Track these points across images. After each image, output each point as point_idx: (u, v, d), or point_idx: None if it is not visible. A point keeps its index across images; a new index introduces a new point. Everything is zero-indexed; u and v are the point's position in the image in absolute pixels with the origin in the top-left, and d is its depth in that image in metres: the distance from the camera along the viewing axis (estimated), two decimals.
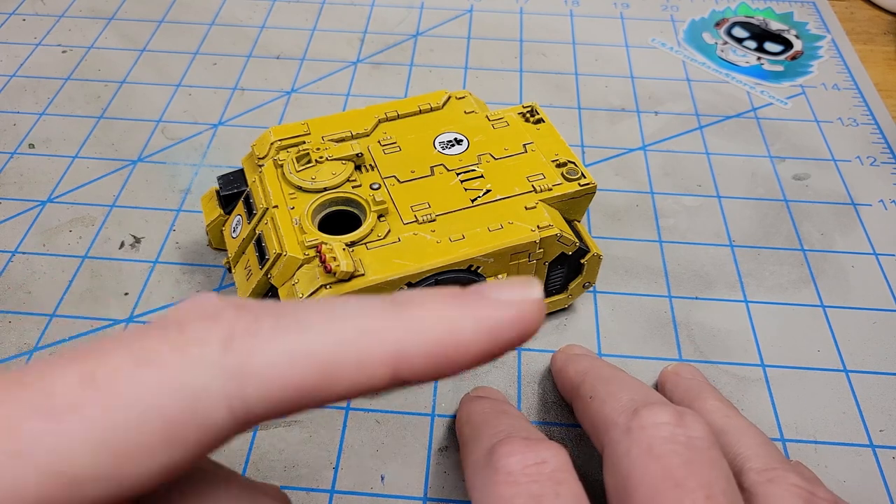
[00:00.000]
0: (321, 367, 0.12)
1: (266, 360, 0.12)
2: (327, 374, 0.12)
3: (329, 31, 0.46)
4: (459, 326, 0.13)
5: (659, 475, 0.18)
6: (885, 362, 0.29)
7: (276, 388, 0.12)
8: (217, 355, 0.12)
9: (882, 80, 0.43)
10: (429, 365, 0.13)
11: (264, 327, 0.12)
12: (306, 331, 0.12)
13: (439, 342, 0.13)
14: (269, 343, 0.12)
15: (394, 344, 0.12)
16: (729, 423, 0.23)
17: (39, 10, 0.47)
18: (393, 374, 0.12)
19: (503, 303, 0.13)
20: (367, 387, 0.12)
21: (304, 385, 0.12)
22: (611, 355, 0.29)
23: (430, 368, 0.13)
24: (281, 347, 0.12)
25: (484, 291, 0.13)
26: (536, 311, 0.13)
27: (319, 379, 0.12)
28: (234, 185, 0.29)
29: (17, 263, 0.32)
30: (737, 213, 0.35)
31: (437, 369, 0.13)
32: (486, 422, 0.23)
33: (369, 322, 0.12)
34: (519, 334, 0.13)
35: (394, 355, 0.12)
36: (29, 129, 0.39)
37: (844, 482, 0.26)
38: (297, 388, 0.12)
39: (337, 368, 0.12)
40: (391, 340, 0.12)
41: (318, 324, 0.12)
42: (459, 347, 0.13)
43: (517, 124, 0.30)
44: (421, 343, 0.12)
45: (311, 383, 0.12)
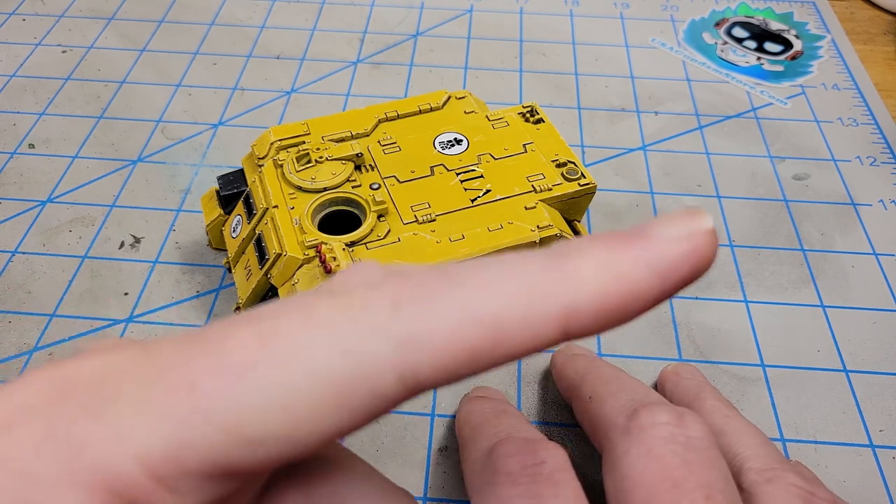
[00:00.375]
0: (490, 329, 0.12)
1: (434, 325, 0.12)
2: (496, 336, 0.12)
3: (329, 31, 0.46)
4: (630, 273, 0.12)
5: (658, 475, 0.18)
6: (885, 362, 0.29)
7: (446, 354, 0.12)
8: (387, 322, 0.12)
9: (882, 80, 0.43)
10: (600, 317, 0.12)
11: (430, 293, 0.12)
12: (472, 293, 0.12)
13: (610, 293, 0.12)
14: (436, 308, 0.12)
15: (562, 300, 0.12)
16: (728, 423, 0.23)
17: (39, 10, 0.47)
18: (563, 330, 0.12)
19: (674, 239, 0.12)
20: (536, 346, 0.12)
21: (474, 348, 0.12)
22: (611, 355, 0.29)
23: (602, 321, 0.12)
24: (449, 312, 0.12)
25: (649, 231, 0.12)
26: (711, 243, 0.12)
27: (488, 341, 0.12)
28: (234, 185, 0.29)
29: (17, 263, 0.32)
30: (737, 213, 0.35)
31: (609, 320, 0.12)
32: (486, 422, 0.23)
33: (534, 279, 0.12)
34: (694, 271, 0.12)
35: (563, 311, 0.12)
36: (29, 129, 0.39)
37: (844, 482, 0.26)
38: (467, 351, 0.12)
39: (506, 330, 0.12)
40: (559, 296, 0.12)
41: (482, 285, 0.12)
42: (632, 295, 0.12)
43: (517, 124, 0.30)
44: (591, 296, 0.12)
45: (480, 346, 0.12)
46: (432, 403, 0.28)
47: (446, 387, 0.12)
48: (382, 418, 0.27)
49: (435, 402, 0.28)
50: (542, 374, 0.29)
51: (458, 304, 0.12)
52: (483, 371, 0.12)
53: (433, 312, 0.12)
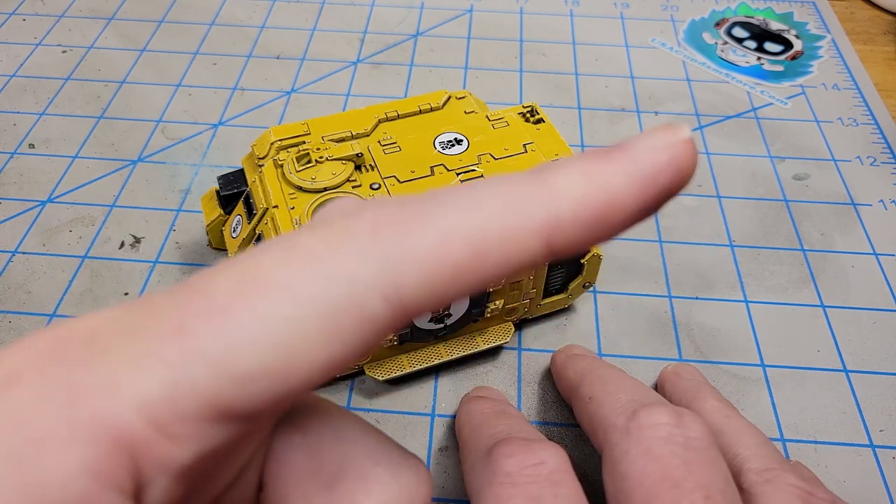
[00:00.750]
0: (472, 244, 0.12)
1: (415, 242, 0.12)
2: (479, 251, 0.12)
3: (329, 31, 0.46)
4: (610, 182, 0.12)
5: (657, 476, 0.18)
6: (885, 362, 0.29)
7: (428, 271, 0.12)
8: (366, 245, 0.12)
9: (882, 80, 0.43)
10: (584, 229, 0.12)
11: (409, 214, 0.12)
12: (452, 211, 0.12)
13: (591, 202, 0.12)
14: (416, 227, 0.12)
15: (544, 211, 0.12)
16: (728, 423, 0.23)
17: (39, 10, 0.47)
18: (547, 244, 0.12)
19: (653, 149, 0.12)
20: (520, 262, 0.12)
21: (456, 265, 0.12)
22: (611, 355, 0.29)
23: (586, 234, 0.12)
24: (429, 229, 0.12)
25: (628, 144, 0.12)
26: (690, 151, 0.12)
27: (472, 257, 0.12)
28: (234, 185, 0.29)
29: (17, 263, 0.32)
30: (737, 213, 0.35)
31: (593, 233, 0.12)
32: (485, 422, 0.23)
33: (515, 192, 0.12)
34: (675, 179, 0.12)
35: (546, 223, 0.12)
36: (29, 129, 0.39)
37: (844, 482, 0.26)
38: (450, 268, 0.12)
39: (488, 244, 0.12)
40: (541, 208, 0.12)
41: (463, 203, 0.12)
42: (614, 205, 0.12)
43: (517, 124, 0.30)
44: (573, 206, 0.12)
45: (462, 263, 0.12)
46: (432, 403, 0.28)
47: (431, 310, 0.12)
48: (382, 419, 0.27)
49: (435, 402, 0.28)
50: (542, 374, 0.29)
51: (438, 221, 0.12)
52: (471, 291, 0.12)
53: (413, 231, 0.12)
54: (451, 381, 0.29)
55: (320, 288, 0.11)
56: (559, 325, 0.30)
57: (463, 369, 0.29)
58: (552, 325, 0.30)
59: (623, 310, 0.31)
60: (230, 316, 0.11)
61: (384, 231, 0.12)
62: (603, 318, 0.31)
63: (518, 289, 0.28)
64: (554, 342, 0.30)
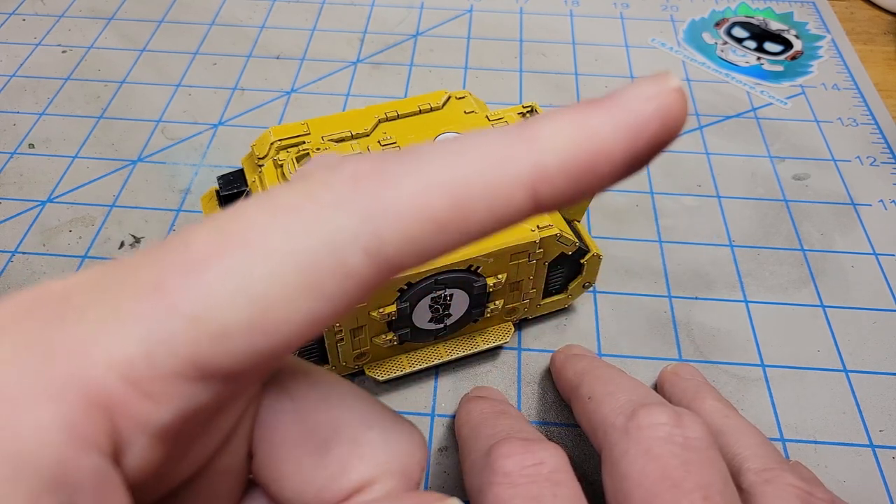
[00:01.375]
0: (454, 196, 0.11)
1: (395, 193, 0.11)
2: (462, 204, 0.11)
3: (329, 31, 0.46)
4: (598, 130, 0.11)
5: (657, 476, 0.18)
6: (885, 362, 0.29)
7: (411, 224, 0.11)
8: (346, 196, 0.11)
9: (882, 80, 0.43)
10: (570, 180, 0.11)
11: (389, 166, 0.12)
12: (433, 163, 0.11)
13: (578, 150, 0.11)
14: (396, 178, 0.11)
15: (529, 161, 0.11)
16: (727, 423, 0.23)
17: (39, 10, 0.47)
18: (532, 196, 0.11)
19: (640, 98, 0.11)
20: (505, 214, 0.11)
21: (440, 218, 0.11)
22: (611, 355, 0.29)
23: (572, 184, 0.11)
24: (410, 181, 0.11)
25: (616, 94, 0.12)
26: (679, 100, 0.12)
27: (454, 210, 0.11)
28: (234, 185, 0.29)
29: (17, 263, 0.32)
30: (737, 213, 0.35)
31: (580, 185, 0.11)
32: (485, 422, 0.23)
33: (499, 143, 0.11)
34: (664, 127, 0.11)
35: (530, 173, 0.11)
36: (29, 129, 0.39)
37: (844, 482, 0.26)
38: (433, 221, 0.11)
39: (472, 196, 0.11)
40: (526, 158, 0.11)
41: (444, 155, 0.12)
42: (601, 153, 0.11)
43: None
44: (559, 155, 0.11)
45: (445, 215, 0.11)
46: (432, 403, 0.28)
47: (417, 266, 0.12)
48: None
49: (435, 402, 0.28)
50: (542, 374, 0.29)
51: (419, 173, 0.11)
52: (456, 245, 0.12)
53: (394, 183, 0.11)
54: (451, 381, 0.29)
55: (299, 241, 0.11)
56: (559, 325, 0.30)
57: (463, 369, 0.29)
58: (552, 325, 0.30)
59: (623, 310, 0.31)
60: (206, 271, 0.11)
61: (364, 182, 0.11)
62: (603, 318, 0.31)
63: (518, 289, 0.28)
64: (554, 342, 0.30)
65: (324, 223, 0.11)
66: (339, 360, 0.27)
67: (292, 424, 0.13)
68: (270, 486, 0.14)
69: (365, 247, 0.11)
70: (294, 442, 0.13)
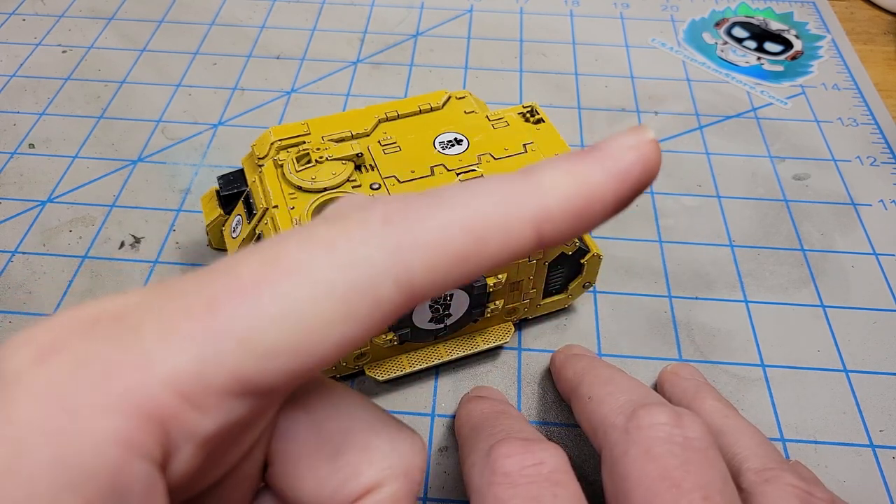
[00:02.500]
0: (473, 233, 0.13)
1: (423, 231, 0.13)
2: (479, 240, 0.13)
3: (329, 31, 0.46)
4: (591, 177, 0.14)
5: (656, 476, 0.18)
6: (885, 362, 0.29)
7: (436, 257, 0.13)
8: (379, 233, 0.13)
9: (882, 80, 0.43)
10: (569, 219, 0.13)
11: (415, 207, 0.13)
12: (453, 204, 0.13)
13: (576, 195, 0.13)
14: (423, 218, 0.13)
15: (535, 204, 0.13)
16: (727, 423, 0.23)
17: (39, 10, 0.47)
18: (537, 233, 0.13)
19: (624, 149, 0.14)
20: (515, 249, 0.13)
21: (460, 252, 0.13)
22: (611, 355, 0.29)
23: (571, 223, 0.13)
24: (434, 220, 0.13)
25: (602, 145, 0.14)
26: (655, 150, 0.14)
27: (473, 245, 0.13)
28: (234, 185, 0.29)
29: (17, 263, 0.32)
30: (737, 213, 0.35)
31: (577, 223, 0.14)
32: (485, 422, 0.23)
33: (509, 189, 0.13)
34: (644, 174, 0.14)
35: (536, 214, 0.13)
36: (29, 129, 0.39)
37: (844, 482, 0.26)
38: (455, 255, 0.13)
39: (487, 233, 0.13)
40: (532, 202, 0.13)
41: (462, 198, 0.13)
42: (595, 197, 0.14)
43: (517, 124, 0.30)
44: (559, 199, 0.13)
45: (466, 250, 0.13)
46: (432, 403, 0.28)
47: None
48: None
49: (435, 402, 0.28)
50: (542, 374, 0.29)
51: (443, 213, 0.13)
52: (472, 276, 0.13)
53: (421, 222, 0.13)
54: (451, 381, 0.29)
55: (339, 272, 0.12)
56: (559, 325, 0.30)
57: (463, 369, 0.29)
58: (552, 325, 0.30)
59: (623, 310, 0.31)
60: (256, 295, 0.12)
61: (394, 221, 0.13)
62: (603, 318, 0.31)
63: (518, 289, 0.28)
64: (554, 342, 0.30)
65: (361, 257, 0.13)
66: (339, 361, 0.27)
67: (308, 434, 0.15)
68: (286, 490, 0.15)
69: (396, 278, 0.13)
70: (310, 450, 0.15)
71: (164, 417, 0.11)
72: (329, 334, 0.12)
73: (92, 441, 0.11)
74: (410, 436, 0.15)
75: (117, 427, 0.11)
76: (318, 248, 0.13)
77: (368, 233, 0.13)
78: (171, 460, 0.12)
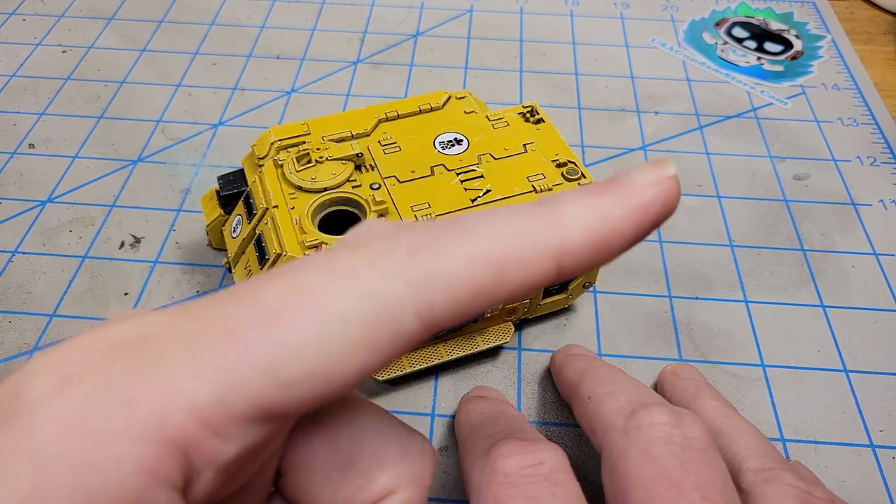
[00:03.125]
0: (494, 267, 0.13)
1: (446, 266, 0.13)
2: (500, 273, 0.13)
3: (329, 31, 0.46)
4: (611, 212, 0.14)
5: (656, 476, 0.18)
6: (885, 362, 0.29)
7: (457, 291, 0.13)
8: (403, 265, 0.13)
9: (882, 80, 0.43)
10: (589, 252, 0.14)
11: (438, 238, 0.13)
12: (475, 236, 0.13)
13: (596, 229, 0.14)
14: (446, 252, 0.13)
15: (556, 239, 0.13)
16: (727, 423, 0.23)
17: (39, 10, 0.47)
18: (557, 266, 0.13)
19: (645, 184, 0.14)
20: (535, 281, 0.13)
21: (481, 285, 0.13)
22: (611, 355, 0.29)
23: (591, 256, 0.14)
24: (457, 253, 0.13)
25: (624, 179, 0.14)
26: (675, 186, 0.14)
27: (494, 278, 0.13)
28: (234, 185, 0.29)
29: (17, 263, 0.32)
30: (737, 213, 0.35)
31: (597, 256, 0.14)
32: (485, 422, 0.23)
33: (530, 222, 0.13)
34: (664, 209, 0.14)
35: (557, 247, 0.13)
36: (29, 129, 0.39)
37: (844, 482, 0.26)
38: (476, 288, 0.13)
39: (508, 266, 0.13)
40: (553, 236, 0.13)
41: (484, 230, 0.13)
42: (614, 231, 0.14)
43: (517, 124, 0.30)
44: (580, 232, 0.13)
45: (486, 283, 0.13)
46: (432, 403, 0.28)
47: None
48: None
49: (435, 402, 0.28)
50: (542, 374, 0.29)
51: (465, 247, 0.13)
52: (491, 306, 0.13)
53: (444, 255, 0.13)
54: (451, 381, 0.29)
55: (362, 302, 0.12)
56: (559, 325, 0.30)
57: (463, 369, 0.29)
58: (552, 325, 0.30)
59: (623, 310, 0.31)
60: (279, 324, 0.12)
61: (418, 253, 0.13)
62: (603, 318, 0.31)
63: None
64: (554, 342, 0.30)
65: (383, 289, 0.13)
66: None
67: (321, 444, 0.15)
68: (300, 498, 0.15)
69: (417, 310, 0.13)
70: (323, 460, 0.15)
71: (187, 445, 0.12)
72: (350, 364, 0.12)
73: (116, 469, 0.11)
74: (421, 442, 0.16)
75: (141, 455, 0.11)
76: (342, 278, 0.13)
77: (393, 263, 0.13)
78: (192, 485, 0.12)
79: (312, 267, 0.13)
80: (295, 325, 0.12)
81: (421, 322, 0.13)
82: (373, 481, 0.15)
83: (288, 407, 0.12)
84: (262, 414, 0.12)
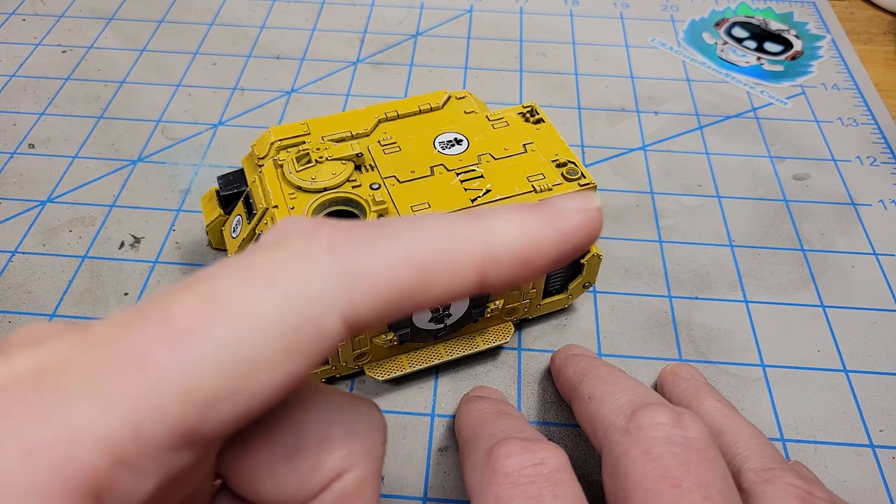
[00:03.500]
0: (419, 269, 0.13)
1: (369, 264, 0.12)
2: (424, 277, 0.13)
3: (329, 31, 0.46)
4: (538, 231, 0.14)
5: (656, 476, 0.18)
6: (885, 362, 0.29)
7: (381, 290, 0.12)
8: (323, 263, 0.12)
9: (882, 80, 0.43)
10: (512, 268, 0.14)
11: (361, 237, 0.13)
12: (401, 238, 0.13)
13: (521, 246, 0.14)
14: (369, 250, 0.13)
15: (482, 248, 0.13)
16: (727, 423, 0.23)
17: (39, 10, 0.47)
18: (481, 277, 0.13)
19: (572, 211, 0.14)
20: (458, 291, 0.13)
21: (406, 287, 0.13)
22: (611, 355, 0.29)
23: (513, 272, 0.14)
24: (381, 253, 0.13)
25: (552, 202, 0.14)
26: (599, 218, 0.14)
27: (418, 281, 0.13)
28: (234, 185, 0.29)
29: (17, 263, 0.32)
30: (737, 213, 0.35)
31: (519, 273, 0.14)
32: (485, 422, 0.23)
33: (458, 229, 0.13)
34: (587, 237, 0.14)
35: (482, 259, 0.13)
36: (29, 129, 0.39)
37: (844, 482, 0.26)
38: (399, 290, 0.13)
39: (433, 271, 0.13)
40: (479, 245, 0.13)
41: (410, 232, 0.13)
42: (538, 250, 0.14)
43: (517, 124, 0.30)
44: (505, 247, 0.13)
45: (410, 286, 0.13)
46: (432, 403, 0.28)
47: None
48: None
49: (435, 402, 0.28)
50: (542, 374, 0.29)
51: (389, 246, 0.13)
52: (415, 310, 0.13)
53: (368, 254, 0.13)
54: (451, 381, 0.29)
55: (280, 310, 0.12)
56: (559, 325, 0.30)
57: (463, 369, 0.29)
58: (552, 325, 0.30)
59: (623, 310, 0.31)
60: (192, 342, 0.11)
61: (340, 253, 0.12)
62: (603, 318, 0.31)
63: (518, 289, 0.28)
64: (554, 342, 0.30)
65: (305, 291, 0.12)
66: (339, 361, 0.27)
67: (259, 437, 0.14)
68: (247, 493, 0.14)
69: (341, 312, 0.12)
70: (263, 454, 0.14)
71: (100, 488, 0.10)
72: (273, 375, 0.12)
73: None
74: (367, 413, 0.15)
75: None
76: (259, 282, 0.12)
77: (312, 262, 0.12)
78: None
79: (226, 274, 0.12)
80: (209, 340, 0.11)
81: (345, 324, 0.12)
82: (320, 465, 0.14)
83: (211, 429, 0.11)
84: (183, 441, 0.11)
